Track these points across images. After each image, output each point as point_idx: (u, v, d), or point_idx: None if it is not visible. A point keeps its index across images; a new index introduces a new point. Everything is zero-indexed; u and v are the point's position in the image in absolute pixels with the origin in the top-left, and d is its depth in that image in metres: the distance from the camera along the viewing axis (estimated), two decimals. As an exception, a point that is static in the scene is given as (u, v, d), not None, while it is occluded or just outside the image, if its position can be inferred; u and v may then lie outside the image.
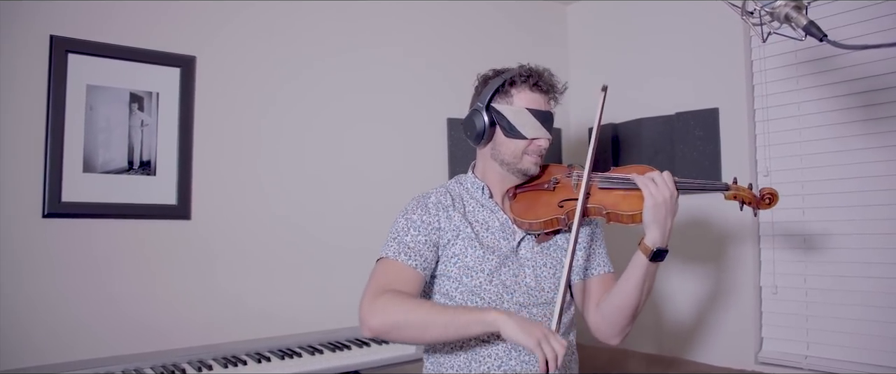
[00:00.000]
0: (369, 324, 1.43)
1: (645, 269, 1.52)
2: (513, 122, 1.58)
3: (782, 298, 2.40)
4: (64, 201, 1.99)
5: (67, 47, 2.01)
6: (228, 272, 2.28)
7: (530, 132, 1.59)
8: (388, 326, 1.42)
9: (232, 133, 2.32)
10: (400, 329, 1.42)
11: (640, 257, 1.52)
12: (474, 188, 1.68)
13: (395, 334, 1.45)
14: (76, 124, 2.03)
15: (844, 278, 2.24)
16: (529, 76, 1.61)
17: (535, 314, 1.57)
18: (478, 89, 1.69)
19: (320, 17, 2.53)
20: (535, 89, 1.61)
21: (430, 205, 1.60)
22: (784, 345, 2.39)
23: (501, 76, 1.63)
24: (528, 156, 1.62)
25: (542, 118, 1.60)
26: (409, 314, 1.42)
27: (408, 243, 1.54)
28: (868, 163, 2.19)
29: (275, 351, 2.13)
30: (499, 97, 1.61)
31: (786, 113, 2.41)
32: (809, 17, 1.20)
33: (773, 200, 1.58)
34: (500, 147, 1.62)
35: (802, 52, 2.34)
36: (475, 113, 1.63)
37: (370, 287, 1.49)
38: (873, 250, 2.18)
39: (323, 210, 2.50)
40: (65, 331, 1.97)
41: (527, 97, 1.60)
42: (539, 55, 3.12)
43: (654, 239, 1.50)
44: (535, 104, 1.60)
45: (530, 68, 1.64)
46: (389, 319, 1.42)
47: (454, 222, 1.58)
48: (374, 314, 1.43)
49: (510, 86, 1.61)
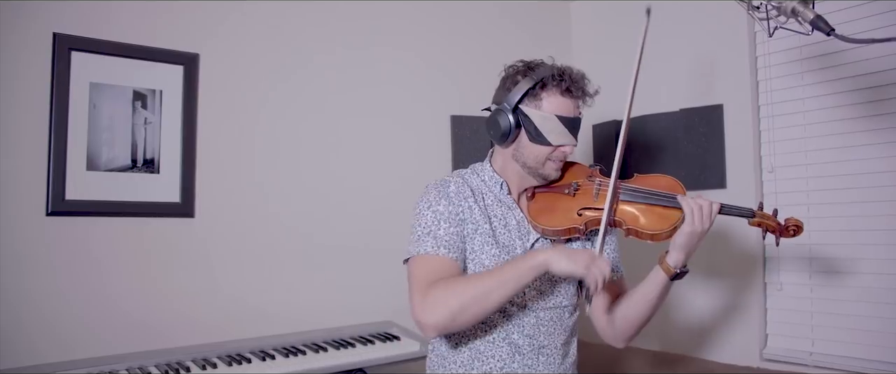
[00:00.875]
0: (429, 322, 1.37)
1: (664, 287, 1.52)
2: (540, 127, 1.51)
3: (787, 295, 2.39)
4: (68, 199, 1.99)
5: (71, 45, 2.01)
6: (232, 270, 2.28)
7: (557, 139, 1.52)
8: (448, 317, 1.36)
9: (235, 131, 2.32)
10: (462, 313, 1.36)
11: (661, 276, 1.51)
12: (492, 183, 1.62)
13: (460, 320, 1.38)
14: (80, 122, 2.03)
15: (849, 275, 2.23)
16: (562, 80, 1.52)
17: (543, 318, 1.56)
18: (506, 85, 1.58)
19: (323, 14, 2.53)
20: (566, 94, 1.52)
21: (452, 194, 1.54)
22: (789, 342, 2.38)
23: (532, 76, 1.53)
24: (552, 162, 1.56)
25: (570, 125, 1.53)
26: (463, 295, 1.37)
27: (442, 236, 1.48)
28: (873, 159, 2.18)
29: (279, 349, 2.13)
30: (528, 99, 1.52)
31: (790, 109, 2.40)
32: (816, 12, 1.19)
33: (798, 231, 1.56)
34: (523, 150, 1.56)
35: (807, 47, 2.33)
36: (501, 113, 1.54)
37: (417, 288, 1.43)
38: (879, 247, 2.17)
39: (327, 208, 2.49)
40: (69, 330, 1.97)
41: (557, 103, 1.52)
42: (542, 52, 3.12)
43: (679, 261, 1.49)
44: (564, 111, 1.52)
45: (562, 71, 1.54)
46: (448, 309, 1.36)
47: (474, 214, 1.54)
48: (432, 311, 1.37)
49: (541, 89, 1.52)
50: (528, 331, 1.54)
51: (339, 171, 2.53)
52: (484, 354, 1.53)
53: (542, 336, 1.56)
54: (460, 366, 1.55)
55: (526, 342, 1.54)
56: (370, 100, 2.63)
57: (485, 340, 1.53)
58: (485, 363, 1.53)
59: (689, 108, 2.66)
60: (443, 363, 1.59)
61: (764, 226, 1.57)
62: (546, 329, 1.56)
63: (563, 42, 3.26)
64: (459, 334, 1.55)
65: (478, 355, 1.54)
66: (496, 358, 1.53)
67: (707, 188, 2.58)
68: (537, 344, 1.55)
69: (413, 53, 2.76)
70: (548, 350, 1.56)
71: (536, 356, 1.54)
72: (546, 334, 1.56)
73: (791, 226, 1.56)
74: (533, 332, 1.54)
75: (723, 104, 2.56)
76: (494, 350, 1.53)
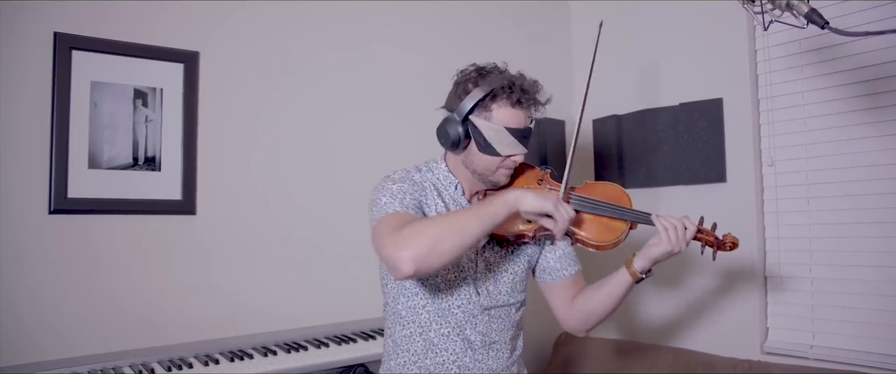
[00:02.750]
0: (407, 255, 1.28)
1: (627, 287, 1.57)
2: (489, 139, 1.51)
3: (788, 288, 2.40)
4: (70, 197, 2.00)
5: (71, 44, 2.02)
6: (234, 267, 2.29)
7: (506, 150, 1.52)
8: (428, 246, 1.29)
9: (236, 128, 2.33)
10: (441, 243, 1.30)
11: (627, 278, 1.56)
12: (447, 183, 1.63)
13: (436, 254, 1.30)
14: (81, 121, 2.04)
15: (850, 268, 2.24)
16: (512, 91, 1.50)
17: (494, 315, 1.60)
18: (458, 92, 1.58)
19: (323, 13, 2.53)
20: (516, 106, 1.51)
21: (417, 181, 1.57)
22: (790, 335, 2.39)
23: (483, 86, 1.51)
24: (502, 169, 1.57)
25: (520, 135, 1.52)
26: (440, 226, 1.34)
27: (408, 202, 1.48)
28: (873, 151, 2.18)
29: (281, 345, 2.14)
30: (478, 110, 1.52)
31: (790, 102, 2.40)
32: (811, 5, 1.19)
33: (734, 247, 1.59)
34: (473, 158, 1.56)
35: (806, 41, 2.33)
36: (451, 122, 1.54)
37: (388, 232, 1.36)
38: (878, 239, 2.17)
39: (328, 204, 2.50)
40: (71, 327, 1.98)
41: (507, 115, 1.51)
42: (543, 49, 3.14)
43: (645, 268, 1.55)
44: (514, 122, 1.51)
45: (512, 81, 1.52)
46: (427, 238, 1.30)
47: (437, 207, 1.56)
48: (408, 244, 1.30)
49: (491, 100, 1.51)
50: (481, 328, 1.57)
51: (339, 168, 2.54)
52: (437, 346, 1.55)
53: (494, 333, 1.59)
54: (413, 355, 1.57)
55: (478, 339, 1.57)
56: (370, 97, 2.63)
57: (440, 333, 1.55)
58: (438, 355, 1.55)
59: (689, 102, 2.66)
60: (396, 349, 1.60)
61: (701, 240, 1.58)
62: (497, 326, 1.60)
63: (563, 41, 3.26)
64: (415, 323, 1.56)
65: (431, 346, 1.55)
66: (449, 351, 1.55)
67: (707, 182, 2.59)
68: (488, 340, 1.58)
69: (413, 52, 2.77)
70: (497, 346, 1.60)
71: (487, 352, 1.58)
72: (497, 330, 1.60)
73: (728, 242, 1.59)
74: (485, 329, 1.57)
75: (722, 98, 2.56)
76: (448, 344, 1.55)
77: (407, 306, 1.58)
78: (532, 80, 1.56)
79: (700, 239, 1.58)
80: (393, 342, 1.62)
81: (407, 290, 1.58)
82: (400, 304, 1.59)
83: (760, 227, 2.47)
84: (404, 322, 1.58)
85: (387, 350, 1.66)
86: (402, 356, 1.58)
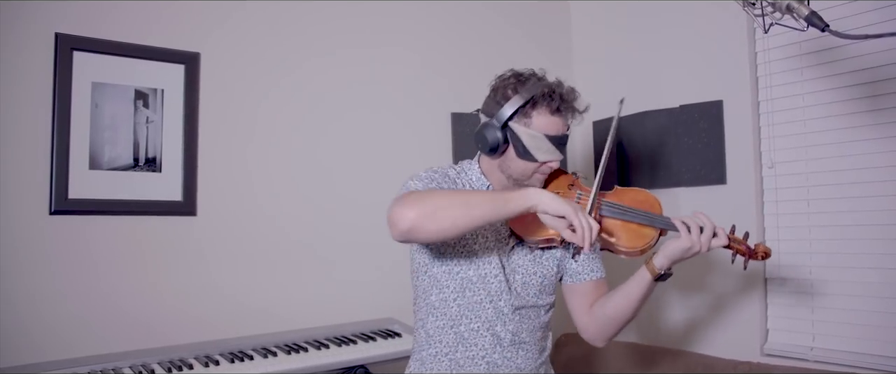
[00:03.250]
0: (405, 213, 1.30)
1: (648, 287, 1.55)
2: (528, 145, 1.52)
3: (788, 290, 2.40)
4: (71, 197, 2.00)
5: (72, 45, 2.02)
6: (234, 268, 2.29)
7: (543, 156, 1.54)
8: (427, 210, 1.31)
9: (236, 129, 2.33)
10: (440, 210, 1.32)
11: (646, 276, 1.54)
12: (479, 184, 1.65)
13: (435, 219, 1.32)
14: (82, 122, 2.04)
15: (850, 269, 2.24)
16: (552, 99, 1.52)
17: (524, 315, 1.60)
18: (497, 99, 1.57)
19: (324, 13, 2.54)
20: (556, 114, 1.53)
21: (451, 175, 1.62)
22: (790, 337, 2.39)
23: (523, 93, 1.52)
24: (538, 175, 1.58)
25: (557, 142, 1.54)
26: (446, 197, 1.39)
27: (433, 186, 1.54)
28: (873, 154, 2.18)
29: (281, 346, 2.14)
30: (517, 116, 1.53)
31: (790, 105, 2.40)
32: (811, 8, 1.20)
33: (766, 256, 1.59)
34: (510, 163, 1.57)
35: (806, 43, 2.33)
36: (490, 127, 1.54)
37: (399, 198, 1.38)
38: (878, 241, 2.17)
39: (328, 205, 2.50)
40: (72, 327, 1.98)
41: (546, 122, 1.52)
42: (543, 50, 3.14)
43: (664, 266, 1.53)
44: (553, 129, 1.53)
45: (553, 89, 1.53)
46: (428, 204, 1.33)
47: None
48: (409, 202, 1.32)
49: (531, 107, 1.52)
50: (512, 327, 1.58)
51: (339, 169, 2.54)
52: (467, 340, 1.57)
53: (524, 333, 1.60)
54: (445, 346, 1.59)
55: (508, 337, 1.58)
56: (370, 97, 2.64)
57: (469, 327, 1.57)
58: (468, 349, 1.57)
59: (689, 104, 2.66)
60: (429, 340, 1.62)
61: (734, 249, 1.59)
62: (527, 326, 1.61)
63: (563, 41, 3.26)
64: (446, 316, 1.58)
65: (462, 340, 1.57)
66: (479, 347, 1.57)
67: (707, 184, 2.59)
68: (518, 339, 1.59)
69: (413, 51, 2.77)
70: (527, 346, 1.61)
71: (516, 350, 1.59)
72: (527, 330, 1.61)
73: (760, 252, 1.59)
74: (516, 328, 1.59)
75: (722, 100, 2.56)
76: (477, 339, 1.57)
77: (439, 298, 1.59)
78: (570, 87, 1.58)
79: (731, 248, 1.57)
80: (425, 333, 1.63)
81: (438, 282, 1.59)
82: (432, 295, 1.60)
83: (760, 229, 2.47)
84: (437, 313, 1.60)
85: (418, 341, 1.66)
86: (434, 348, 1.60)
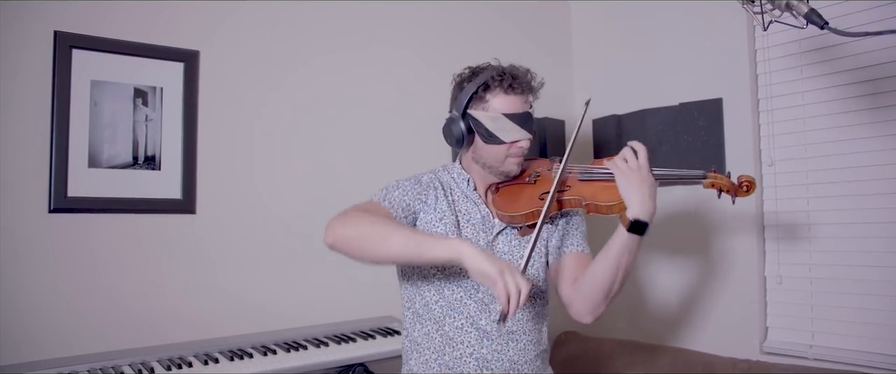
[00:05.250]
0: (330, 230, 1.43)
1: (623, 240, 1.49)
2: (490, 128, 1.56)
3: (787, 287, 2.40)
4: (70, 195, 2.00)
5: (71, 43, 2.02)
6: (234, 266, 2.29)
7: (509, 136, 1.57)
8: (350, 234, 1.42)
9: (236, 127, 2.33)
10: (356, 240, 1.41)
11: (620, 229, 1.51)
12: (460, 179, 1.70)
13: (356, 244, 1.41)
14: (81, 120, 2.04)
15: (849, 268, 2.24)
16: (502, 79, 1.57)
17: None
18: (454, 93, 1.66)
19: (323, 12, 2.53)
20: (509, 92, 1.57)
21: (424, 181, 1.66)
22: (789, 335, 2.39)
23: (475, 81, 1.58)
24: (511, 158, 1.61)
25: (520, 120, 1.57)
26: (374, 224, 1.43)
27: (393, 197, 1.59)
28: (872, 151, 2.18)
29: (280, 344, 2.14)
30: (474, 103, 1.59)
31: (790, 102, 2.40)
32: (810, 5, 1.20)
33: (750, 187, 1.59)
34: (480, 152, 1.62)
35: (806, 41, 2.33)
36: (452, 121, 1.62)
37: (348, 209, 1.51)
38: (878, 239, 2.17)
39: (327, 204, 2.47)
40: (71, 326, 1.98)
41: (502, 101, 1.57)
42: (543, 50, 3.14)
43: (634, 210, 1.49)
44: (511, 108, 1.57)
45: (503, 70, 1.59)
46: (350, 230, 1.42)
47: (440, 205, 1.61)
48: (341, 223, 1.44)
49: (484, 91, 1.58)
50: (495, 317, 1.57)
51: (339, 167, 2.54)
52: (454, 340, 1.58)
53: (512, 322, 1.58)
54: (433, 352, 1.59)
55: (494, 328, 1.57)
56: (370, 98, 2.63)
57: (454, 325, 1.57)
58: (455, 348, 1.57)
59: (689, 101, 2.66)
60: (416, 348, 1.63)
61: (717, 186, 1.61)
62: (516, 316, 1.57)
63: (563, 41, 3.26)
64: (431, 320, 1.59)
65: (448, 341, 1.58)
66: (465, 344, 1.57)
67: (707, 182, 2.59)
68: (506, 330, 1.58)
69: (413, 52, 2.77)
70: (518, 336, 1.60)
71: (506, 342, 1.58)
72: (516, 320, 1.59)
73: (744, 182, 1.59)
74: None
75: (722, 98, 2.57)
76: (463, 336, 1.57)
77: (422, 304, 1.61)
78: (524, 68, 1.62)
79: (716, 186, 1.60)
80: (411, 341, 1.64)
81: (420, 287, 1.60)
82: (416, 302, 1.62)
83: (760, 226, 2.47)
84: (422, 320, 1.61)
85: (405, 350, 1.68)
86: (424, 355, 1.61)
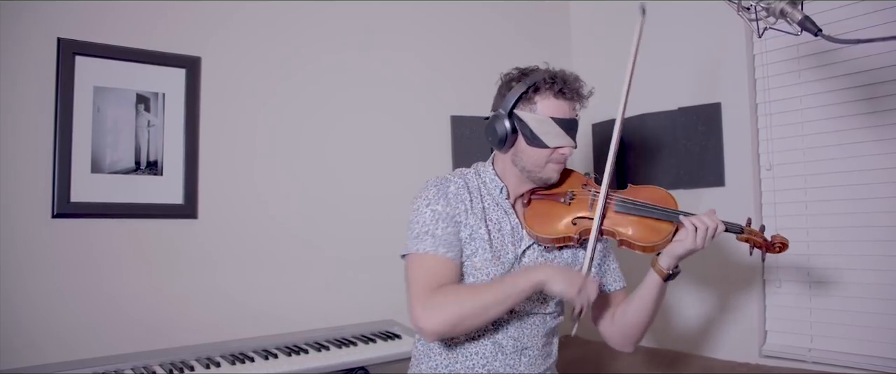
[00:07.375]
0: (429, 329, 1.42)
1: (658, 288, 1.57)
2: (536, 130, 1.52)
3: (786, 291, 2.40)
4: (72, 201, 2.02)
5: (74, 49, 2.04)
6: (235, 270, 2.30)
7: (553, 141, 1.53)
8: (448, 326, 1.41)
9: (237, 132, 2.35)
10: (461, 324, 1.42)
11: (655, 279, 1.56)
12: (493, 186, 1.63)
13: (459, 330, 1.44)
14: (84, 126, 2.05)
15: (848, 271, 2.24)
16: (554, 82, 1.53)
17: (527, 321, 1.60)
18: (501, 92, 1.60)
19: (324, 16, 2.55)
20: (559, 96, 1.54)
21: (451, 196, 1.56)
22: (788, 338, 2.39)
23: (525, 81, 1.54)
24: (552, 164, 1.57)
25: (566, 126, 1.54)
26: (463, 307, 1.42)
27: (440, 235, 1.50)
28: (871, 156, 2.19)
29: (282, 348, 2.15)
30: (522, 104, 1.54)
31: (788, 107, 2.41)
32: (804, 12, 1.21)
33: (783, 248, 1.61)
34: (522, 154, 1.57)
35: (804, 46, 2.33)
36: (497, 119, 1.56)
37: (416, 291, 1.46)
38: (876, 243, 2.18)
39: (328, 208, 2.52)
40: (74, 330, 2.00)
41: (551, 105, 1.53)
42: (542, 51, 3.14)
43: (670, 265, 1.55)
44: (559, 112, 1.53)
45: (555, 74, 1.56)
46: (447, 318, 1.41)
47: (470, 220, 1.55)
48: (432, 319, 1.41)
49: (534, 92, 1.53)
50: (513, 333, 1.57)
51: (340, 172, 2.56)
52: (468, 350, 1.57)
53: (526, 338, 1.59)
54: (444, 359, 1.58)
55: (510, 343, 1.57)
56: (370, 101, 2.65)
57: (469, 336, 1.56)
58: (468, 359, 1.57)
59: (688, 106, 2.67)
60: (428, 354, 1.62)
61: (751, 241, 1.61)
62: (530, 331, 1.60)
63: (562, 42, 3.27)
64: None
65: (461, 351, 1.57)
66: (479, 355, 1.56)
67: (706, 186, 2.60)
68: (520, 345, 1.58)
69: (413, 54, 2.78)
70: (530, 351, 1.60)
71: (519, 357, 1.58)
72: (530, 336, 1.60)
73: (777, 243, 1.61)
74: (517, 334, 1.58)
75: (721, 103, 2.57)
76: (478, 348, 1.56)
77: None
78: (574, 74, 1.59)
79: (749, 240, 1.60)
80: (423, 344, 1.64)
81: None
82: None
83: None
84: None
85: (416, 353, 1.67)
86: (435, 360, 1.60)
